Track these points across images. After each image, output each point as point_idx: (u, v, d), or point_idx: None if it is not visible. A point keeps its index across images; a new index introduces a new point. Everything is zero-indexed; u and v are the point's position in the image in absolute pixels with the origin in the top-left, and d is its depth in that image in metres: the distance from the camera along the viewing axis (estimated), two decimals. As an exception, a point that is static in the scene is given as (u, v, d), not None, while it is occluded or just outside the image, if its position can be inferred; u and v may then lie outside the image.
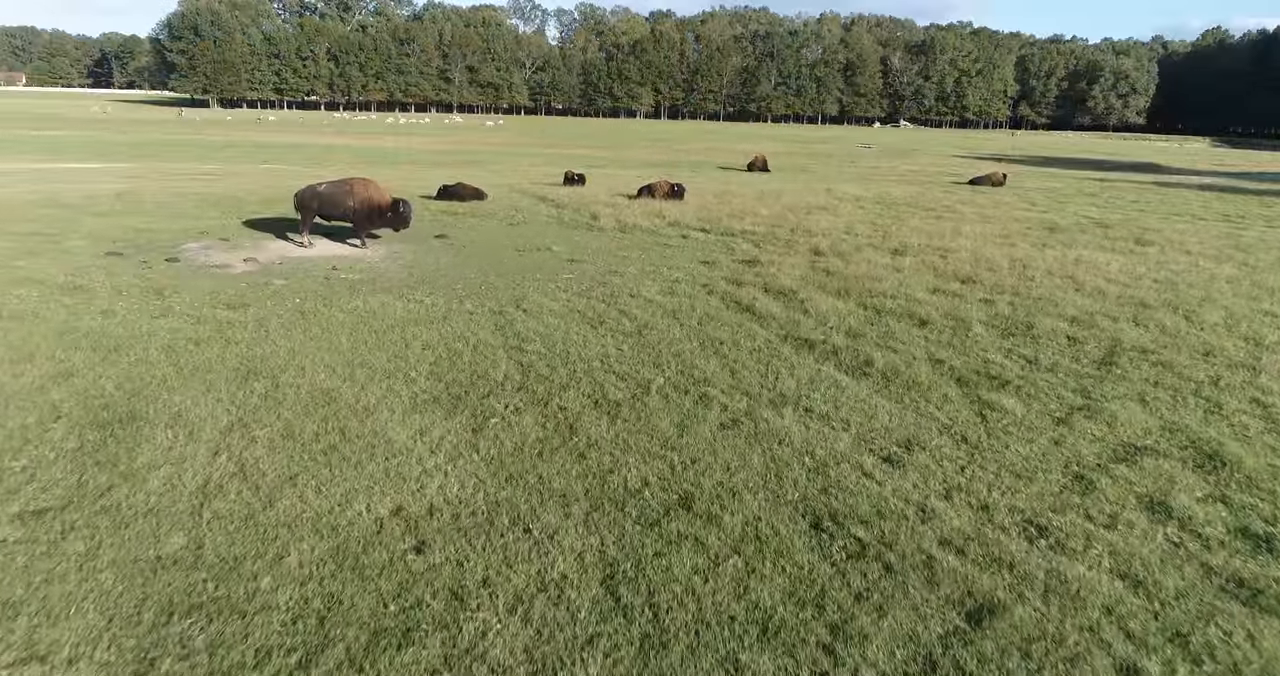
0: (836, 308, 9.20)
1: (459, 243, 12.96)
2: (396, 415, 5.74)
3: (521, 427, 5.62)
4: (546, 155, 39.67)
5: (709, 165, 36.29)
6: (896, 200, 21.66)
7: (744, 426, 5.78)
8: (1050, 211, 20.43)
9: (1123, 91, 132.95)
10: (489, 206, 16.98)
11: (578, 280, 10.42)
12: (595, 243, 13.42)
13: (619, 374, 6.78)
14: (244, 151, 35.37)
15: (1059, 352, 7.85)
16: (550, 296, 9.41)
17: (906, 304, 9.45)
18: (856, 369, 7.15)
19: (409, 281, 10.06)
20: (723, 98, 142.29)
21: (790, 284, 10.32)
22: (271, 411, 5.71)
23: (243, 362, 6.68)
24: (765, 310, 8.98)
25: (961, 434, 5.85)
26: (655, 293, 9.75)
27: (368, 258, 11.53)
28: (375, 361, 6.85)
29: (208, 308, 8.36)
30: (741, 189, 22.88)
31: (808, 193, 22.75)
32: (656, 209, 16.74)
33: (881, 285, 10.39)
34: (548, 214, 16.29)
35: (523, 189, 20.78)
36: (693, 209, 17.15)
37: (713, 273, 11.12)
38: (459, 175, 25.42)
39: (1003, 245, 14.08)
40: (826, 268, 11.51)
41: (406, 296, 9.17)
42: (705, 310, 8.97)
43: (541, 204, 17.67)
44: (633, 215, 15.87)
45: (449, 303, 8.96)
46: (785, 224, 15.72)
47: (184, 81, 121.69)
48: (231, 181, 21.06)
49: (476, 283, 10.07)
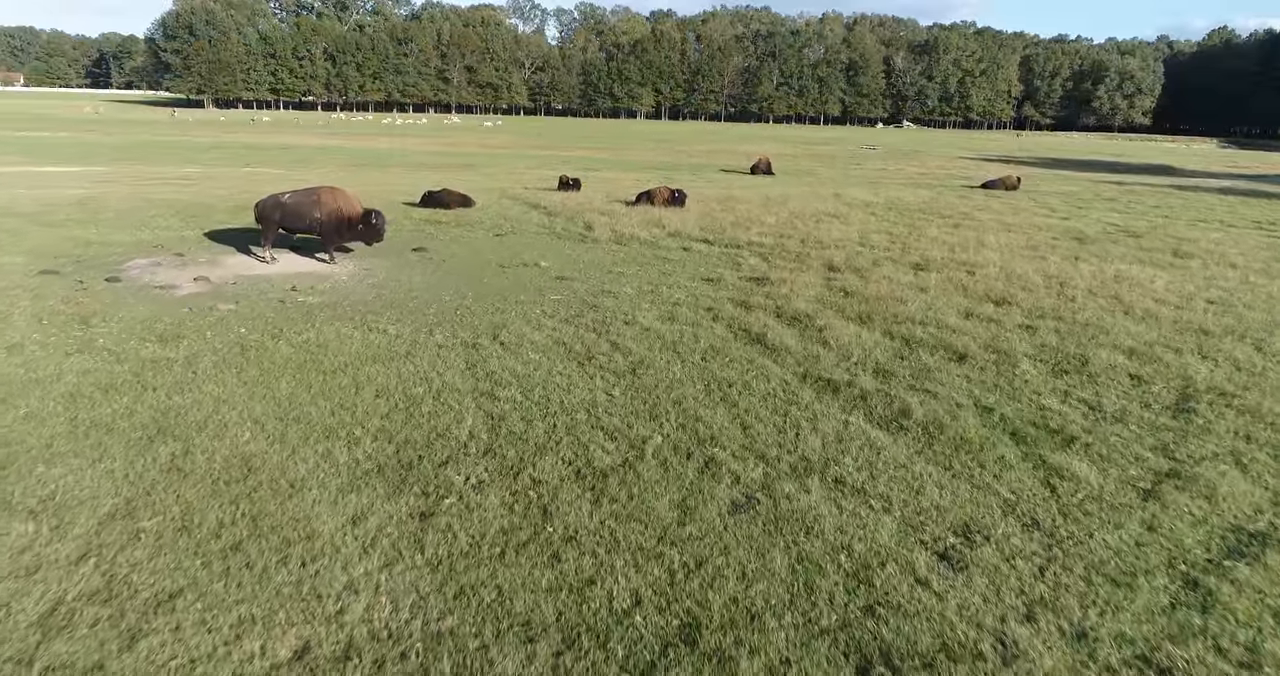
0: (859, 337, 8.06)
1: (438, 257, 11.82)
2: (328, 493, 4.61)
3: (483, 512, 4.48)
4: (543, 157, 38.55)
5: (711, 168, 35.16)
6: (909, 206, 20.52)
7: (761, 507, 4.64)
8: (1072, 218, 19.29)
9: (1128, 92, 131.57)
10: (476, 215, 15.84)
11: (566, 303, 9.28)
12: (588, 256, 12.28)
13: (608, 429, 5.65)
14: (230, 153, 34.24)
15: (1124, 396, 6.71)
16: (533, 324, 8.27)
17: (938, 332, 8.31)
18: (891, 420, 6.01)
19: (375, 305, 8.92)
20: (724, 98, 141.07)
21: (805, 307, 9.17)
22: (171, 489, 4.58)
23: (155, 417, 5.54)
24: (778, 341, 7.83)
25: (1031, 515, 4.71)
26: (653, 318, 8.61)
27: (334, 275, 10.39)
28: (315, 414, 5.71)
29: (135, 341, 7.22)
30: (745, 194, 21.74)
31: (815, 198, 21.61)
32: (655, 217, 15.60)
33: (907, 308, 9.25)
34: (538, 223, 15.15)
35: (514, 194, 19.64)
36: (694, 217, 16.01)
37: (717, 292, 9.98)
38: (450, 179, 24.32)
39: (1032, 258, 12.94)
40: (843, 286, 10.37)
41: (368, 325, 8.03)
42: (710, 341, 7.83)
43: (533, 211, 16.53)
44: (630, 224, 14.73)
45: (416, 333, 7.82)
46: (794, 234, 14.57)
47: (179, 82, 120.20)
48: (207, 186, 19.93)
49: (451, 307, 8.93)
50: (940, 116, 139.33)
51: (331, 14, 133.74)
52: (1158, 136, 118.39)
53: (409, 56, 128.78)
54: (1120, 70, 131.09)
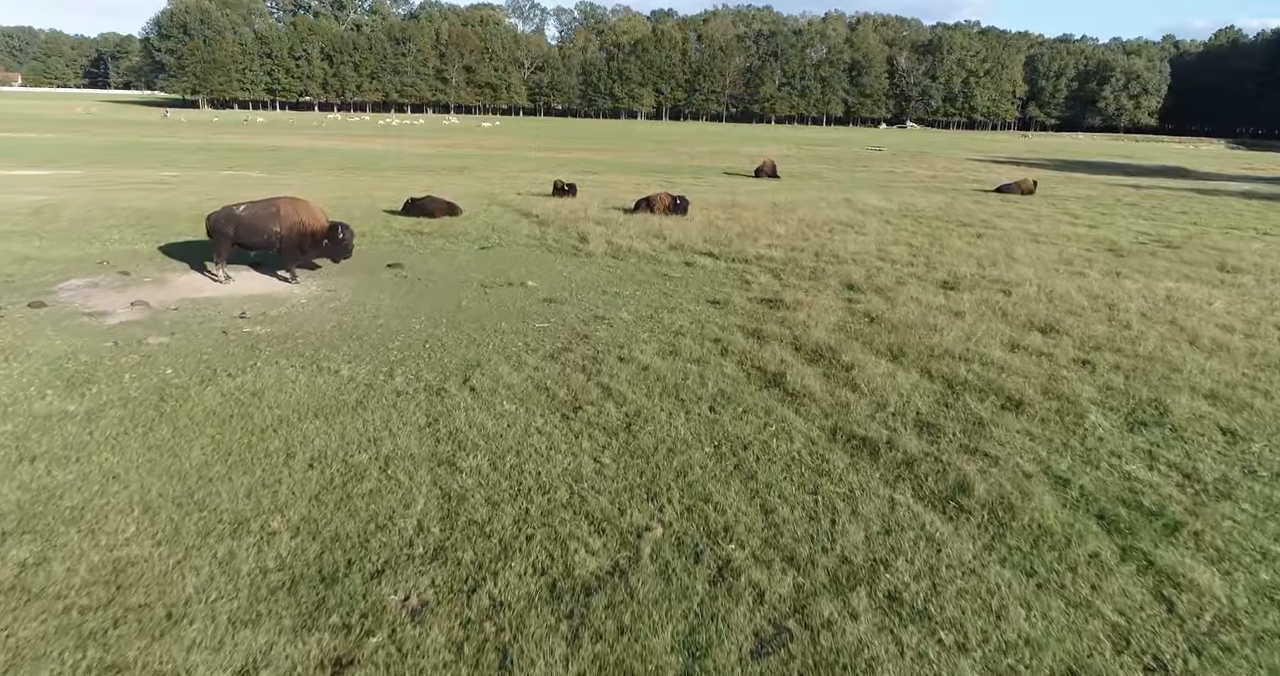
0: (894, 378, 6.89)
1: (414, 274, 10.66)
2: (215, 628, 3.44)
3: (418, 659, 3.31)
4: (540, 160, 37.40)
5: (713, 170, 34.00)
6: (925, 213, 19.35)
7: (795, 645, 3.47)
8: (1100, 226, 18.13)
9: (1134, 92, 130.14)
10: (462, 224, 14.67)
11: (553, 332, 8.12)
12: (581, 273, 11.12)
13: (594, 517, 4.48)
14: (215, 155, 33.09)
15: (1221, 458, 5.54)
16: (513, 361, 7.10)
17: (984, 370, 7.14)
18: (948, 498, 4.84)
19: (332, 337, 7.75)
20: (725, 98, 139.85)
21: (826, 337, 8.01)
22: (2, 623, 3.41)
23: (19, 503, 4.38)
24: (800, 383, 6.66)
25: (1153, 651, 3.54)
26: (652, 353, 7.45)
27: (293, 297, 9.23)
28: (226, 496, 4.54)
29: (35, 387, 6.06)
30: (751, 200, 20.57)
31: (825, 204, 20.44)
32: (656, 227, 14.44)
33: (943, 338, 8.08)
34: (529, 234, 13.98)
35: (506, 201, 18.47)
36: (698, 227, 14.84)
37: (725, 318, 8.81)
38: (442, 183, 23.18)
39: (1069, 275, 11.77)
40: (867, 310, 9.19)
41: (319, 363, 6.87)
42: (719, 384, 6.66)
43: (524, 220, 15.36)
44: (628, 235, 13.57)
45: (374, 374, 6.65)
46: (807, 246, 13.41)
47: (173, 82, 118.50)
48: (179, 192, 18.78)
49: (420, 338, 7.77)
50: (944, 117, 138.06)
51: (329, 13, 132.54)
52: (1164, 137, 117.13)
53: (407, 56, 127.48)
54: (1126, 70, 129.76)
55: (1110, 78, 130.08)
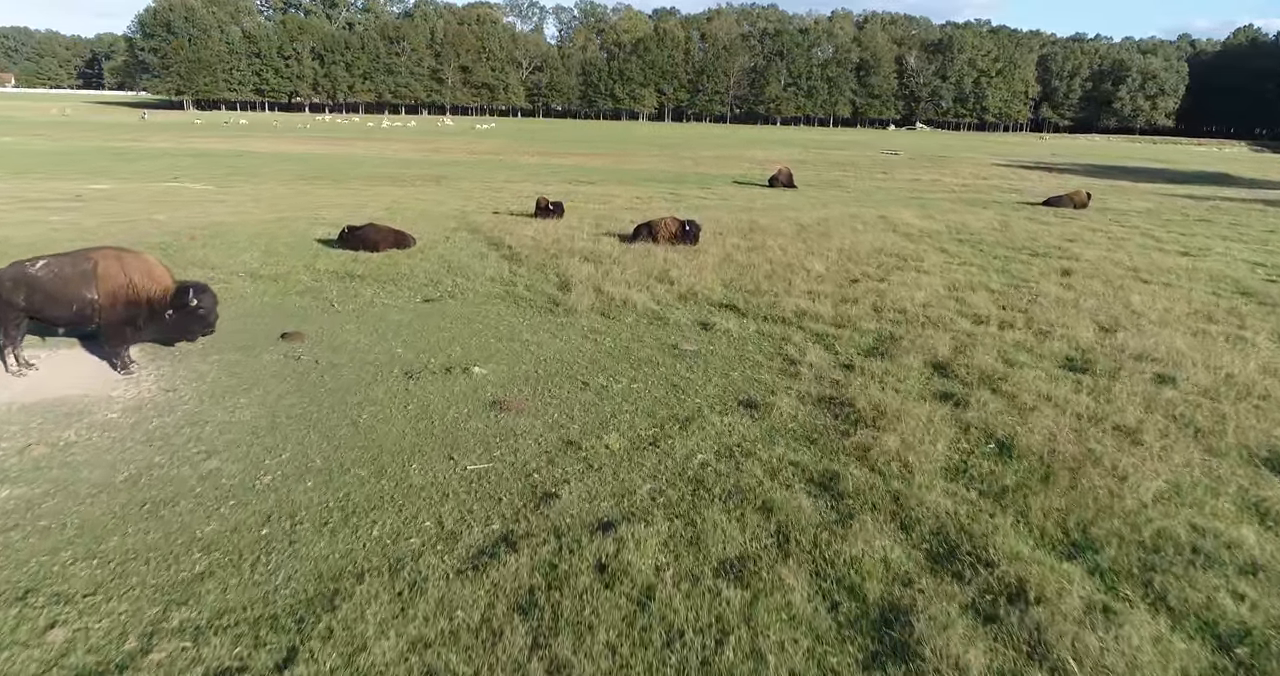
0: (1121, 627, 3.63)
1: (314, 352, 7.43)
2: None
3: None
4: (531, 167, 34.19)
5: (721, 178, 30.78)
6: (982, 236, 16.13)
7: None
8: (1195, 253, 14.89)
9: (1151, 92, 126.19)
10: (409, 262, 11.44)
11: (491, 489, 4.90)
12: (556, 344, 7.90)
13: None
14: (167, 163, 29.87)
15: None
16: (400, 587, 3.87)
17: (1263, 600, 3.90)
18: None
19: (97, 520, 4.49)
20: (729, 99, 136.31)
21: (947, 503, 4.77)
22: None
23: None
24: (946, 651, 3.42)
25: None
26: (656, 548, 4.21)
27: (103, 407, 6.00)
28: None
29: None
30: (772, 219, 17.33)
31: (859, 224, 17.21)
32: (659, 264, 11.23)
33: (1138, 496, 4.85)
34: (494, 276, 10.76)
35: (477, 223, 15.25)
36: (714, 262, 11.63)
37: (771, 446, 5.57)
38: (410, 197, 19.99)
39: (1228, 341, 8.56)
40: (987, 426, 5.96)
41: (25, 611, 3.63)
42: (792, 657, 3.42)
43: (492, 254, 12.15)
44: (623, 279, 10.35)
45: (112, 639, 3.42)
46: (859, 295, 10.16)
47: (156, 82, 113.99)
48: (87, 211, 15.61)
49: (256, 516, 4.53)
50: (955, 118, 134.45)
51: (320, 12, 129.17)
52: (1181, 139, 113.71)
53: (401, 56, 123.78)
54: (1143, 70, 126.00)
55: (1126, 78, 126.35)
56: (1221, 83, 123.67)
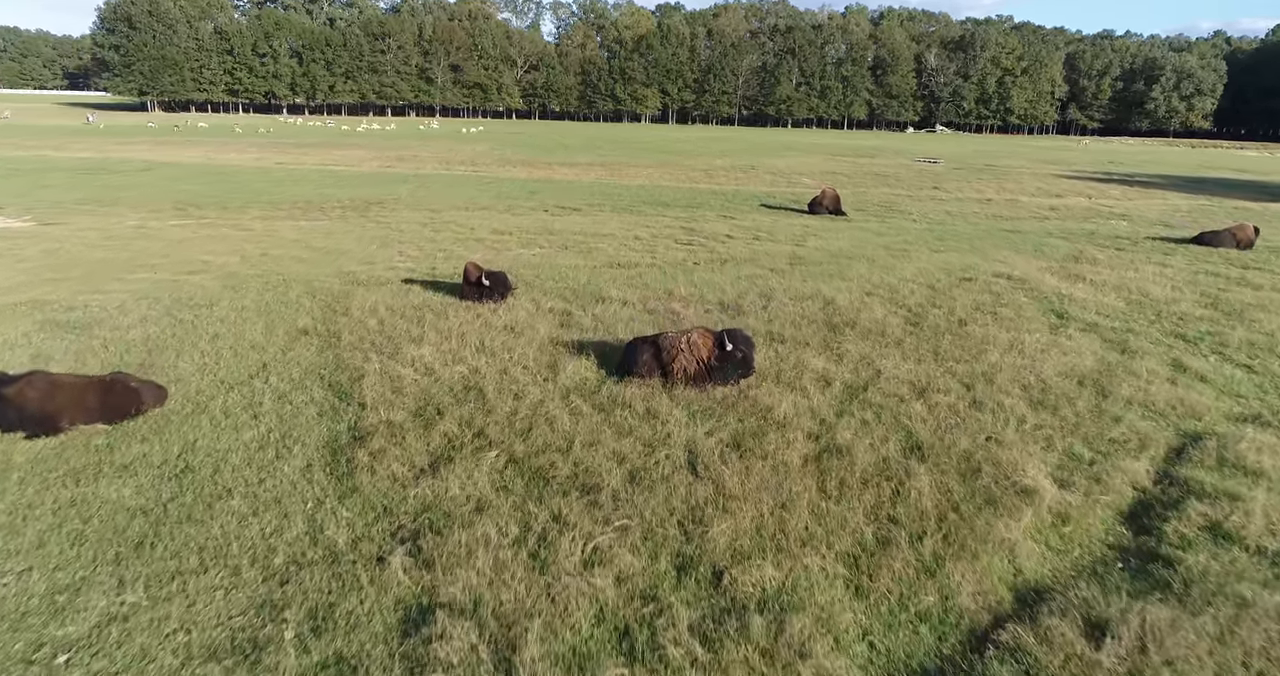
0: None
1: None
2: None
3: None
4: (506, 184, 27.47)
5: (745, 198, 24.04)
6: (1194, 320, 9.35)
7: None
8: None
9: (1186, 92, 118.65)
10: (87, 488, 4.71)
11: None
12: None
13: None
14: (32, 180, 23.26)
15: None
16: None
17: None
18: None
19: None
20: (738, 100, 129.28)
21: None
22: None
23: None
24: None
25: None
26: None
27: None
28: None
29: None
30: (849, 290, 10.53)
31: (987, 296, 10.43)
32: (684, 506, 4.47)
33: None
34: (260, 562, 4.01)
35: (340, 326, 8.49)
36: (798, 459, 4.86)
37: None
38: (299, 241, 13.01)
39: None
40: None
41: None
42: None
43: (300, 451, 5.41)
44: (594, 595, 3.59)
45: None
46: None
47: (117, 81, 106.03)
48: None
49: None
50: (977, 120, 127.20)
51: (300, 6, 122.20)
52: (1222, 142, 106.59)
53: (387, 54, 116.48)
54: (1178, 69, 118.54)
55: (1160, 77, 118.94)
56: (1262, 83, 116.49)
